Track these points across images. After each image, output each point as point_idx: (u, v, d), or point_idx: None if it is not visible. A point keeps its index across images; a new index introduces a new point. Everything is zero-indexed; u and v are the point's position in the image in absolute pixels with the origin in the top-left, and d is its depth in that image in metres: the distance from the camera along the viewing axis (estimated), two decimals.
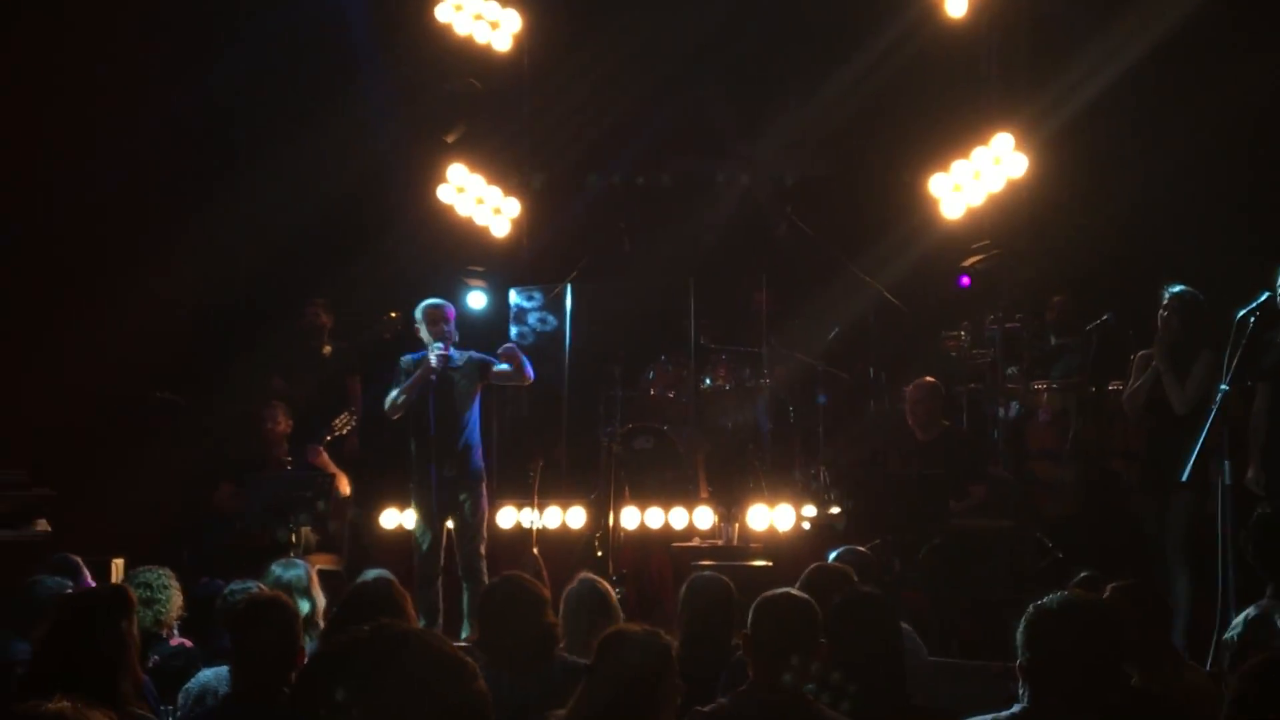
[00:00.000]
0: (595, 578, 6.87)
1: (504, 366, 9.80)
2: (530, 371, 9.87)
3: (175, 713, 5.85)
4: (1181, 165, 11.14)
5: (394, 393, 9.75)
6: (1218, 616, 8.09)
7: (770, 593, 5.03)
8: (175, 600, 7.19)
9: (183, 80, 11.96)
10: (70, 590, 6.76)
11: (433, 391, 9.58)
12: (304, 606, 6.90)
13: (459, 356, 9.83)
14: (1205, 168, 11.09)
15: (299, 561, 7.47)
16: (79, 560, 7.71)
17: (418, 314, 9.84)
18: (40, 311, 11.30)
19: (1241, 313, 8.32)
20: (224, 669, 5.67)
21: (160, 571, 7.22)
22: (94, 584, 7.51)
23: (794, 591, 5.12)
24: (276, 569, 7.28)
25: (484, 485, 9.89)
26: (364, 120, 12.45)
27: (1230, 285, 9.08)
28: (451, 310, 9.91)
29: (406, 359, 9.89)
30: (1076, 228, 11.54)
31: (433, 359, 9.59)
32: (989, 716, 4.31)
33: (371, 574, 7.11)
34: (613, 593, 6.72)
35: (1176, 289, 9.25)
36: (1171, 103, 11.54)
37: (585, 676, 4.59)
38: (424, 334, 9.77)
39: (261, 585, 6.89)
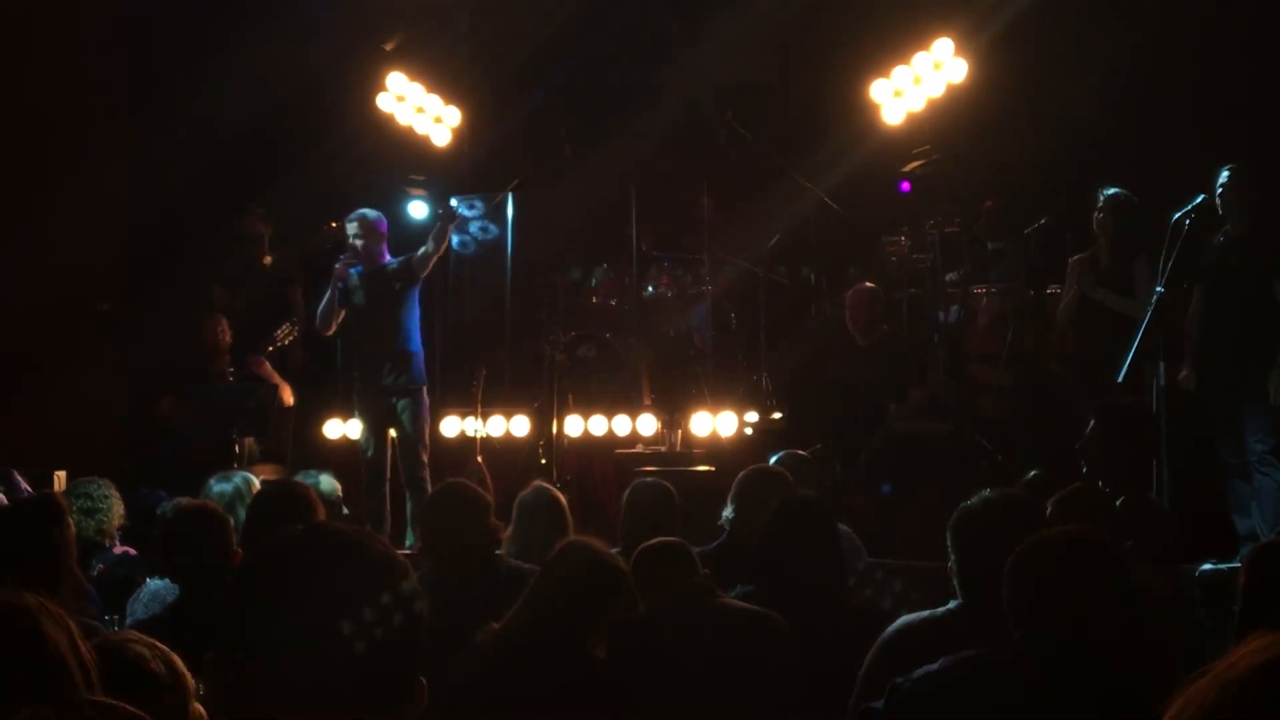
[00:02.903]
0: (548, 485, 6.93)
1: (425, 249, 9.75)
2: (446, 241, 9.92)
3: (121, 622, 5.86)
4: (1121, 69, 11.14)
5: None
6: None
7: (646, 544, 5.32)
8: (116, 509, 7.20)
9: None
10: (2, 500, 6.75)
11: (367, 299, 9.59)
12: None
13: (392, 263, 9.80)
14: (1145, 72, 11.10)
15: (236, 473, 7.46)
16: (11, 470, 7.66)
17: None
18: None
19: (1177, 215, 8.41)
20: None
21: (99, 482, 7.23)
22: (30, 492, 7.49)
23: (667, 539, 5.38)
24: (213, 482, 7.26)
25: (424, 393, 9.88)
26: (301, 28, 12.27)
27: (1169, 190, 9.14)
28: (381, 224, 9.88)
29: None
30: (1016, 132, 11.55)
31: (339, 266, 9.64)
32: (924, 614, 4.39)
33: (307, 476, 7.20)
34: (564, 501, 6.77)
35: (1111, 191, 9.32)
36: (1112, 7, 11.54)
37: (532, 579, 4.69)
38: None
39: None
